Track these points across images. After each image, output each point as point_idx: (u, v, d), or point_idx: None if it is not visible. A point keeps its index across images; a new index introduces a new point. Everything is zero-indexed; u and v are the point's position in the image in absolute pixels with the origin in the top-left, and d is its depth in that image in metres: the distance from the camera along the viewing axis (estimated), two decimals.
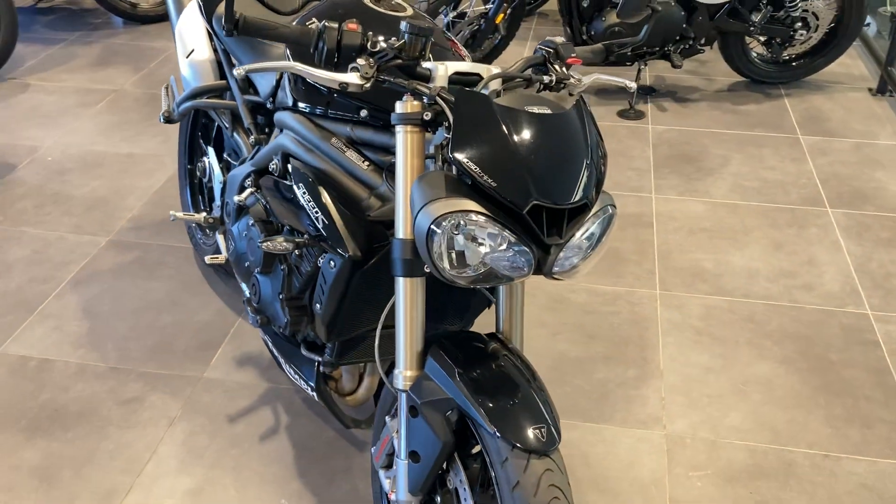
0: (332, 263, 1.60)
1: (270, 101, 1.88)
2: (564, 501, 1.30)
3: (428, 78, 1.40)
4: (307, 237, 1.66)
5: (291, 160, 1.69)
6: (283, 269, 1.79)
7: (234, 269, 2.09)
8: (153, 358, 2.39)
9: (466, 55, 1.78)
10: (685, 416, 2.23)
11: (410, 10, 1.73)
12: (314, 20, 1.39)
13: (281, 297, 1.78)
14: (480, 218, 1.25)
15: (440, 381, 1.38)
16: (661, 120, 3.94)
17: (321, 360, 1.77)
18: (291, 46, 1.70)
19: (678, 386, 2.33)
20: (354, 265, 1.58)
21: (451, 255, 1.27)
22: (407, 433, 1.44)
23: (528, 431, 1.30)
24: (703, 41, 4.02)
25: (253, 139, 1.98)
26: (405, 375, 1.43)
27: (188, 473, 2.02)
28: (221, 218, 2.13)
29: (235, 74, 1.39)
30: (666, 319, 2.59)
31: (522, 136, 1.26)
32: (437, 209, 1.25)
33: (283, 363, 1.94)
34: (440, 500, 1.50)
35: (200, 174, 2.64)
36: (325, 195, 1.58)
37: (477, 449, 1.45)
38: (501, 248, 1.27)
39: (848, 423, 2.21)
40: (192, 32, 2.25)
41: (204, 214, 2.16)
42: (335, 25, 1.36)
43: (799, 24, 4.05)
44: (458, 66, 1.43)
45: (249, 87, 2.03)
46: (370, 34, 1.39)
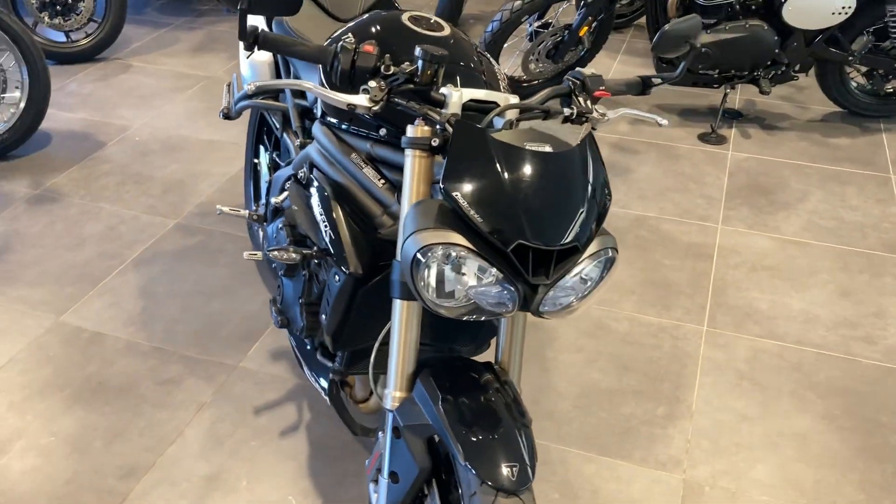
0: (336, 278, 1.63)
1: (315, 107, 1.92)
2: None
3: (442, 104, 1.40)
4: (316, 249, 1.69)
5: (315, 171, 1.73)
6: (304, 274, 1.84)
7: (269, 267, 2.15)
8: (196, 343, 2.49)
9: (503, 78, 1.77)
10: (708, 462, 2.15)
11: (448, 30, 1.73)
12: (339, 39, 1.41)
13: (301, 301, 1.83)
14: (465, 252, 1.25)
15: (424, 405, 1.39)
16: (742, 147, 3.79)
17: (332, 366, 1.81)
18: None
19: (707, 430, 2.25)
20: (357, 282, 1.60)
21: (436, 284, 1.28)
22: (390, 453, 1.46)
23: (500, 469, 1.30)
24: (797, 68, 3.83)
25: (299, 143, 2.04)
26: (394, 396, 1.44)
27: (207, 459, 2.10)
28: (265, 216, 2.20)
29: (247, 89, 1.43)
30: (708, 358, 2.50)
31: (516, 173, 1.25)
32: (424, 238, 1.25)
33: (302, 364, 1.98)
34: None
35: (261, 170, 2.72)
36: (336, 210, 1.61)
37: None
38: (486, 283, 1.27)
39: (885, 491, 2.08)
40: None
41: (248, 211, 2.24)
42: (351, 46, 1.38)
43: None
44: (474, 93, 1.43)
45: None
46: (386, 56, 1.41)
